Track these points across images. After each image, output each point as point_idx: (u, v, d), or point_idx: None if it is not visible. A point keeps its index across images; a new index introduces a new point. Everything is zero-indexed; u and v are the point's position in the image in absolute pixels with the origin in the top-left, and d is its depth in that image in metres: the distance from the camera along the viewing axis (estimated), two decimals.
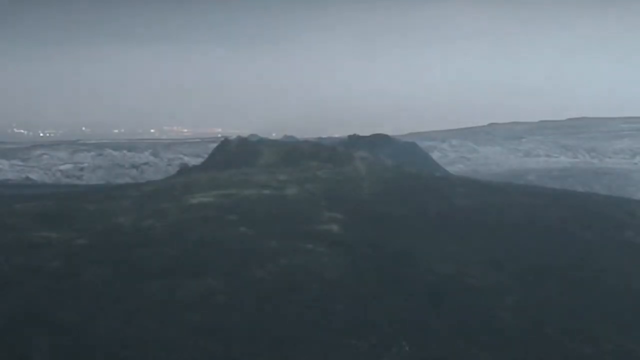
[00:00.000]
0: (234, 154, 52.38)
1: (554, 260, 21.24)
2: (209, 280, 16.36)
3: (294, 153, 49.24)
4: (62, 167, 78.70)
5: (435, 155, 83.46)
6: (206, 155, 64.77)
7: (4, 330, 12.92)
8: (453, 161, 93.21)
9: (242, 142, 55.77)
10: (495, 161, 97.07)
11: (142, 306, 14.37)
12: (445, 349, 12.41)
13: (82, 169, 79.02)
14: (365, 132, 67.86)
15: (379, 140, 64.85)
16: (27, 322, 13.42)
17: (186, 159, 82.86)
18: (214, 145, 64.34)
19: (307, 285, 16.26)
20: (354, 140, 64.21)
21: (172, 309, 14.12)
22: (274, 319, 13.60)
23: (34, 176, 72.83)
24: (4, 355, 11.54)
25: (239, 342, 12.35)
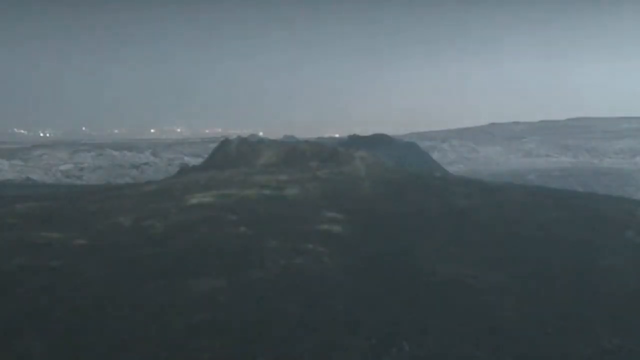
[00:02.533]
0: (234, 154, 52.39)
1: (554, 260, 21.27)
2: (209, 280, 16.39)
3: (294, 153, 49.29)
4: (62, 167, 78.84)
5: (435, 155, 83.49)
6: (206, 155, 64.80)
7: (3, 330, 12.94)
8: (453, 161, 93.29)
9: (242, 142, 55.76)
10: (495, 161, 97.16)
11: (142, 306, 14.39)
12: (445, 349, 12.43)
13: (82, 169, 79.11)
14: (365, 132, 68.11)
15: (379, 140, 64.99)
16: (27, 322, 13.44)
17: (186, 159, 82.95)
18: (214, 145, 64.36)
19: (307, 285, 16.28)
20: (354, 140, 64.35)
21: (172, 309, 14.15)
22: (274, 319, 13.63)
23: (34, 176, 72.87)
24: (3, 356, 11.55)
25: (239, 342, 12.37)
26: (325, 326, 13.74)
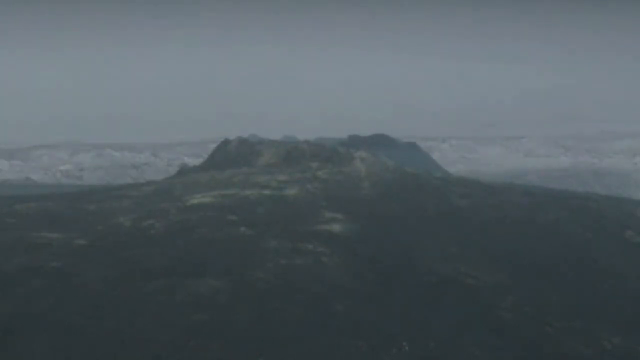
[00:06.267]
0: (234, 154, 52.28)
1: (554, 260, 21.29)
2: (209, 280, 16.38)
3: (294, 153, 49.17)
4: (62, 167, 78.73)
5: (435, 156, 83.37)
6: (206, 155, 64.66)
7: (4, 330, 12.93)
8: (453, 161, 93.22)
9: (242, 142, 55.58)
10: (495, 161, 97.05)
11: (142, 306, 14.38)
12: (445, 348, 12.42)
13: (82, 169, 79.04)
14: (365, 132, 67.78)
15: (379, 141, 64.78)
16: (27, 322, 13.42)
17: (186, 159, 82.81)
18: (214, 145, 64.20)
19: (307, 285, 16.28)
20: (354, 140, 64.10)
21: (172, 309, 14.13)
22: (274, 319, 13.61)
23: (34, 176, 72.84)
24: (4, 355, 11.55)
25: (239, 342, 12.36)
26: (325, 326, 13.73)
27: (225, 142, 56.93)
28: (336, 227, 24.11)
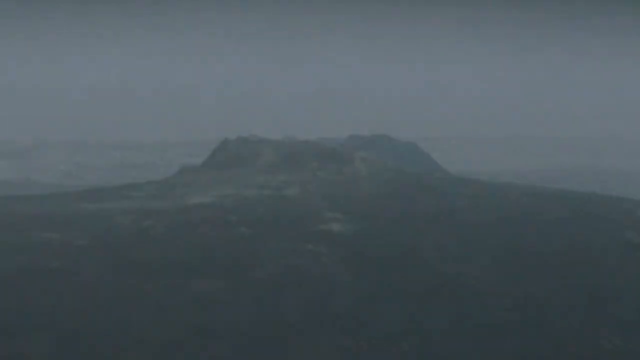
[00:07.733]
0: (234, 154, 52.33)
1: (553, 260, 21.31)
2: (209, 281, 16.41)
3: (294, 153, 49.24)
4: (62, 167, 78.70)
5: (435, 155, 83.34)
6: (206, 156, 64.70)
7: (3, 330, 12.96)
8: (453, 161, 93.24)
9: (242, 142, 55.60)
10: (495, 161, 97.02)
11: (142, 306, 14.41)
12: (445, 348, 12.44)
13: (82, 169, 79.02)
14: (365, 132, 67.69)
15: (379, 141, 64.76)
16: (27, 322, 13.45)
17: (186, 159, 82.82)
18: (214, 145, 64.26)
19: (307, 285, 16.31)
20: (354, 140, 64.08)
21: (172, 309, 14.16)
22: (274, 318, 13.64)
23: (34, 176, 72.85)
24: (4, 355, 11.57)
25: (239, 342, 12.38)
26: (325, 326, 13.75)
27: (225, 142, 56.90)
28: (336, 227, 24.14)
